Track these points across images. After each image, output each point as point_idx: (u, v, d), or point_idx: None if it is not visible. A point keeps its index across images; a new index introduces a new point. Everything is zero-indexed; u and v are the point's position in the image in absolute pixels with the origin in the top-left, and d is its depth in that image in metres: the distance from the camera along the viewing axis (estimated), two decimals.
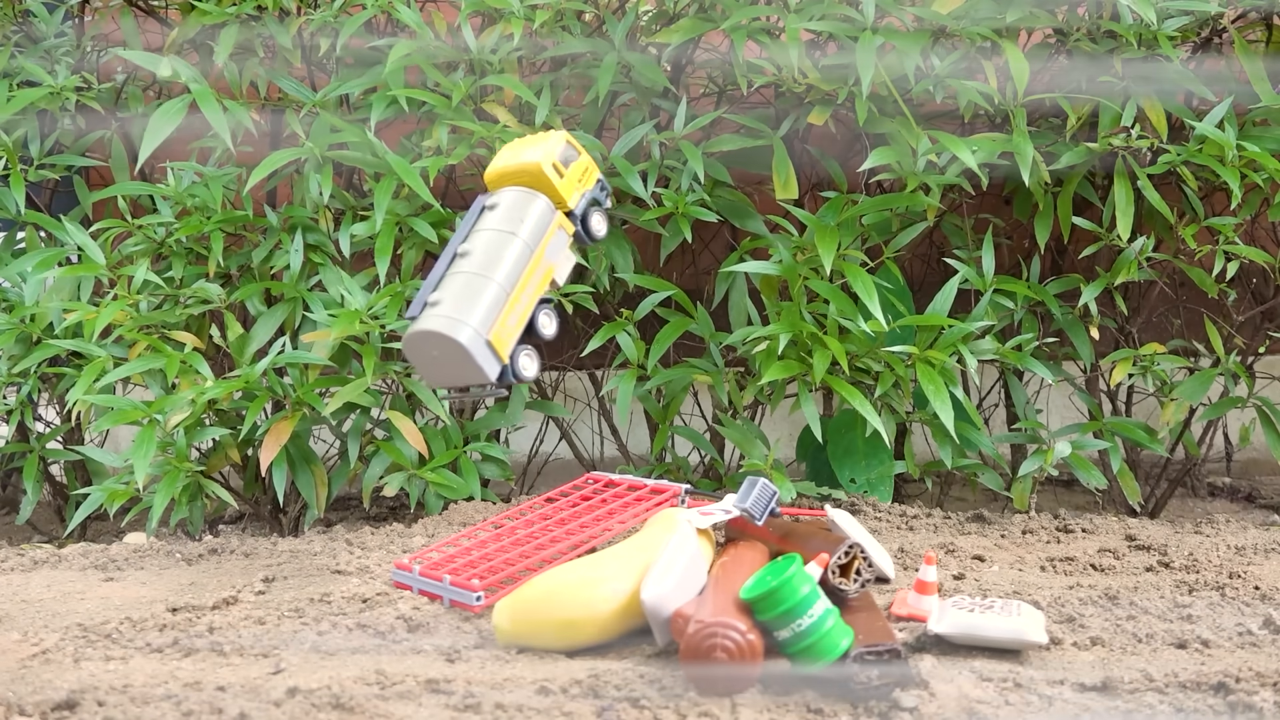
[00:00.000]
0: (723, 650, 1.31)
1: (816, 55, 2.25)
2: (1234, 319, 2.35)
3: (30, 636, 1.57)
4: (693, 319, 2.26)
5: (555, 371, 2.58)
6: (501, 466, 2.22)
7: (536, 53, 2.24)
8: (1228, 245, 2.18)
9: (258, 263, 2.20)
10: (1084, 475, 2.18)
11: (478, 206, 1.67)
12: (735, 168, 2.28)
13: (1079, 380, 2.39)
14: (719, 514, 1.68)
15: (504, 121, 2.16)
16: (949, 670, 1.39)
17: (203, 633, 1.56)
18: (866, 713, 1.29)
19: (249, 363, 2.11)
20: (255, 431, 2.11)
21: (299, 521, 2.23)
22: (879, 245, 2.27)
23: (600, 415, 2.53)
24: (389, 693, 1.34)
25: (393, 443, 2.15)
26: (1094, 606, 1.62)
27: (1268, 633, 1.52)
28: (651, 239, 2.35)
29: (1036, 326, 2.29)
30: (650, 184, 2.19)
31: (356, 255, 2.23)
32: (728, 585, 1.43)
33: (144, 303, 2.13)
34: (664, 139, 2.22)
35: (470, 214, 1.66)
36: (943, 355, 2.10)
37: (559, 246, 1.67)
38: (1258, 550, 1.91)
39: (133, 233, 2.20)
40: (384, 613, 1.60)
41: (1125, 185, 2.17)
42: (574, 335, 2.46)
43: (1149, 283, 2.29)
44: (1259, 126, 2.18)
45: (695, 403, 2.54)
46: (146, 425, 2.03)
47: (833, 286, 2.12)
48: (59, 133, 2.34)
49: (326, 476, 2.19)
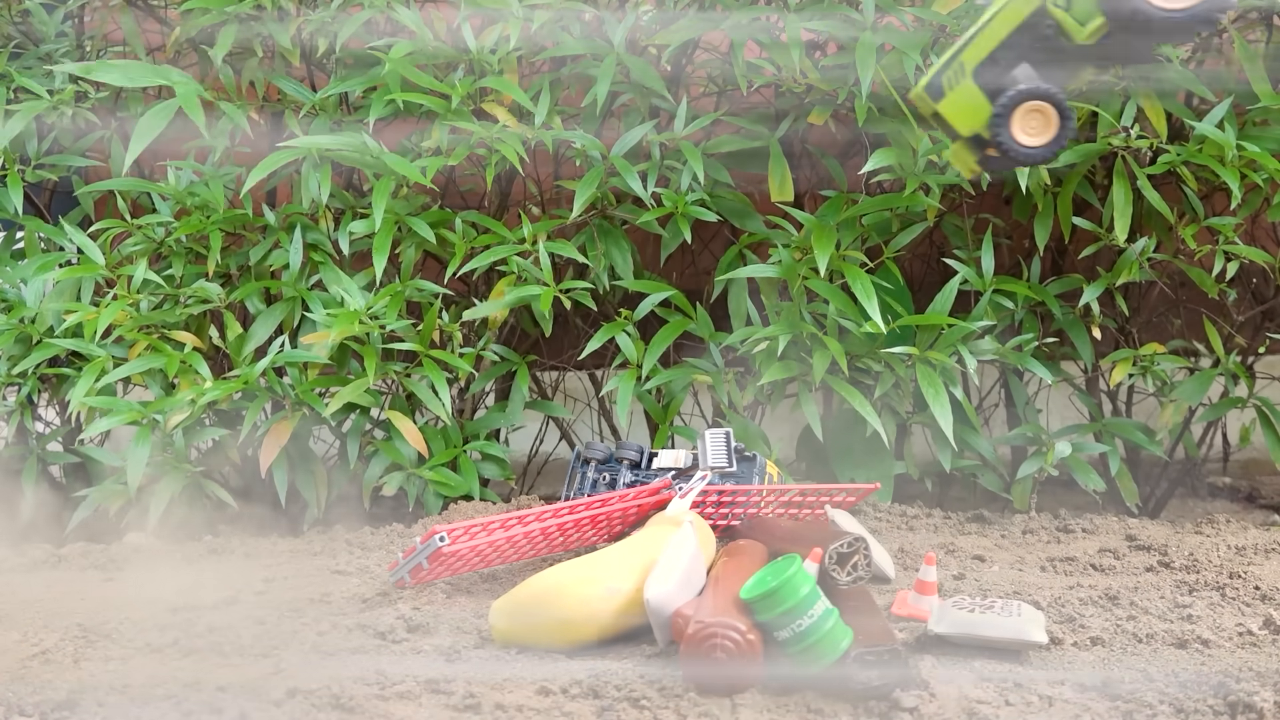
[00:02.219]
0: (723, 650, 1.31)
1: (816, 55, 2.24)
2: (1234, 319, 2.34)
3: (30, 636, 1.57)
4: (692, 319, 2.25)
5: (555, 371, 2.58)
6: (501, 466, 2.22)
7: (536, 52, 2.24)
8: (1228, 245, 2.18)
9: (256, 262, 2.20)
10: (1082, 478, 2.18)
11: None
12: (735, 168, 2.28)
13: (1079, 380, 2.39)
14: (696, 485, 1.68)
15: (504, 121, 2.16)
16: (949, 670, 1.39)
17: (203, 633, 1.56)
18: (866, 713, 1.29)
19: (248, 362, 2.11)
20: (255, 432, 2.11)
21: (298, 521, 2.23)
22: (879, 245, 2.27)
23: (600, 415, 2.53)
24: (389, 693, 1.34)
25: (392, 443, 2.15)
26: (1094, 606, 1.62)
27: (1268, 633, 1.51)
28: (651, 239, 2.35)
29: (1037, 327, 2.29)
30: (650, 184, 2.19)
31: (356, 255, 2.23)
32: (727, 585, 1.43)
33: (144, 302, 2.13)
34: (664, 139, 2.22)
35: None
36: (943, 356, 2.10)
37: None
38: (1258, 550, 1.91)
39: (132, 232, 2.20)
40: (384, 613, 1.60)
41: (1124, 185, 2.17)
42: (574, 335, 2.46)
43: (1149, 283, 2.29)
44: (1259, 126, 2.17)
45: (695, 403, 2.54)
46: (143, 426, 2.03)
47: (832, 286, 2.12)
48: (57, 133, 2.34)
49: (326, 477, 2.19)
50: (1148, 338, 2.35)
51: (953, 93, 1.57)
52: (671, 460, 1.98)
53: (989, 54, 1.56)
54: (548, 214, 2.35)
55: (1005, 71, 1.56)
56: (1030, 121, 1.55)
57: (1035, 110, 1.55)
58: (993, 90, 1.55)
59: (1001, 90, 1.54)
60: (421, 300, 2.18)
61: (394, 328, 2.07)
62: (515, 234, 2.21)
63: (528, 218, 2.26)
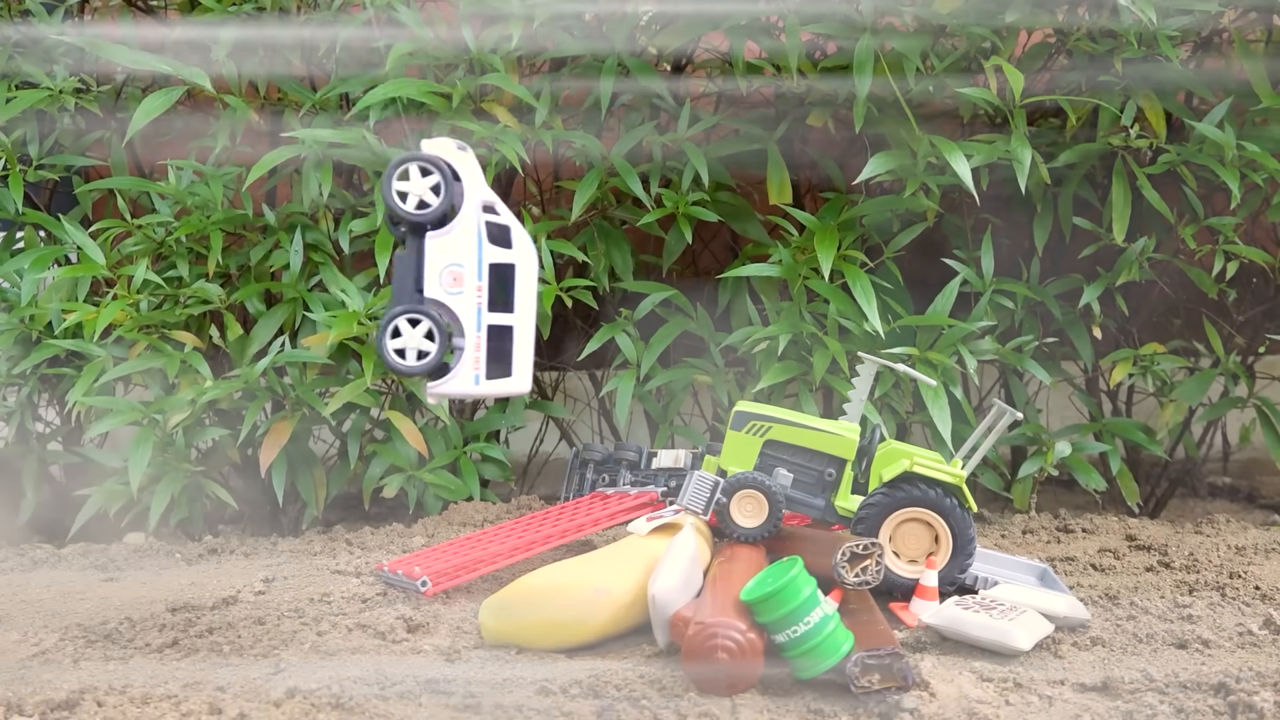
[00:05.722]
0: (723, 650, 1.31)
1: (816, 56, 2.24)
2: (1234, 319, 2.34)
3: (30, 636, 1.57)
4: (692, 319, 2.26)
5: (555, 371, 2.58)
6: (501, 467, 2.22)
7: (536, 52, 2.24)
8: (1228, 245, 2.18)
9: (256, 262, 2.20)
10: (1082, 477, 2.18)
11: None
12: (734, 168, 2.28)
13: (1079, 380, 2.39)
14: (667, 515, 1.70)
15: (504, 121, 2.16)
16: (949, 670, 1.39)
17: (203, 633, 1.56)
18: (866, 713, 1.29)
19: (248, 363, 2.11)
20: (255, 432, 2.11)
21: (298, 521, 2.23)
22: (879, 245, 2.27)
23: (600, 415, 2.53)
24: (389, 693, 1.34)
25: (392, 443, 2.15)
26: (1094, 606, 1.62)
27: (1268, 633, 1.51)
28: (651, 239, 2.35)
29: (1037, 327, 2.29)
30: (653, 186, 2.19)
31: (356, 255, 2.23)
32: (726, 586, 1.43)
33: (144, 302, 2.13)
34: (666, 140, 2.22)
35: None
36: (943, 356, 2.10)
37: None
38: (1258, 550, 1.91)
39: (132, 232, 2.20)
40: (384, 613, 1.60)
41: (1123, 185, 2.17)
42: (574, 335, 2.46)
43: (1149, 283, 2.29)
44: (1259, 126, 2.17)
45: (695, 403, 2.54)
46: (145, 426, 2.03)
47: (832, 287, 2.12)
48: (58, 133, 2.34)
49: (325, 477, 2.19)
50: (1148, 338, 2.35)
51: None
52: (671, 460, 1.98)
53: None
54: (548, 214, 2.36)
55: None
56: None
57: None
58: None
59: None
60: None
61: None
62: None
63: (529, 217, 2.27)
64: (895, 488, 1.61)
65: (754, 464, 1.69)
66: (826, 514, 1.68)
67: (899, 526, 1.61)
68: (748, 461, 1.69)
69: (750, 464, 1.69)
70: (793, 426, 1.68)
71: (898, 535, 1.62)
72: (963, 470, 1.64)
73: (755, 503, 1.62)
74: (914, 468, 1.59)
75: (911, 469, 1.59)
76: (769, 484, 1.62)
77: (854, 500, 1.67)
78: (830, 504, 1.68)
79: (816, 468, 1.68)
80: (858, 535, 1.57)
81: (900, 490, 1.60)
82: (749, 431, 1.69)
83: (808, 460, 1.68)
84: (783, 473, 1.68)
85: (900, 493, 1.60)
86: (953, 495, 1.61)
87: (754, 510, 1.63)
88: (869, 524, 1.60)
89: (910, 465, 1.59)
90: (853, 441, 1.68)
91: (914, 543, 1.62)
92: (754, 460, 1.69)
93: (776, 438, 1.68)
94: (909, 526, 1.62)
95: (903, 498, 1.60)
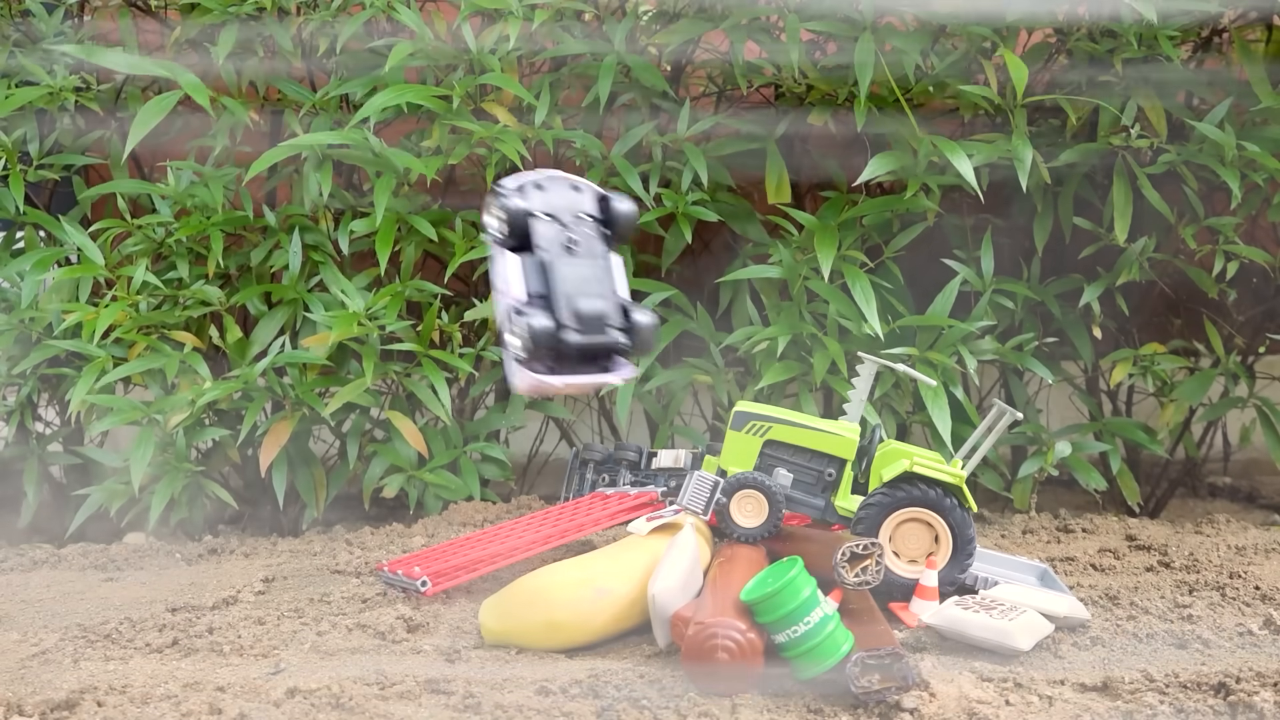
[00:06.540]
0: (723, 650, 1.31)
1: (816, 55, 2.24)
2: (1234, 319, 2.34)
3: (30, 636, 1.57)
4: (692, 319, 2.25)
5: None
6: (501, 467, 2.22)
7: (536, 52, 2.24)
8: (1228, 245, 2.18)
9: (256, 263, 2.20)
10: (1083, 477, 2.18)
11: None
12: (734, 168, 2.28)
13: (1079, 380, 2.39)
14: (666, 515, 1.70)
15: (504, 121, 2.16)
16: (949, 671, 1.39)
17: (203, 633, 1.56)
18: (866, 713, 1.29)
19: (249, 363, 2.11)
20: (255, 432, 2.11)
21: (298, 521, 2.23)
22: (879, 244, 2.27)
23: (600, 415, 2.53)
24: (389, 693, 1.34)
25: (392, 443, 2.15)
26: (1094, 606, 1.62)
27: (1268, 633, 1.52)
28: (651, 239, 2.35)
29: (1037, 327, 2.29)
30: (653, 186, 2.19)
31: (356, 255, 2.23)
32: (726, 586, 1.43)
33: (143, 303, 2.13)
34: (666, 141, 2.22)
35: None
36: (943, 356, 2.10)
37: None
38: (1258, 550, 1.91)
39: (132, 233, 2.20)
40: (384, 613, 1.60)
41: (1124, 185, 2.17)
42: None
43: (1149, 282, 2.29)
44: (1259, 126, 2.17)
45: (695, 403, 2.54)
46: (145, 426, 2.03)
47: (832, 287, 2.12)
48: (58, 133, 2.34)
49: (325, 477, 2.19)
50: (1148, 338, 2.35)
51: None
52: (671, 460, 1.98)
53: None
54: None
55: None
56: None
57: None
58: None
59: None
60: (421, 300, 2.19)
61: (393, 329, 2.07)
62: None
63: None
64: (895, 488, 1.61)
65: (754, 464, 1.69)
66: (826, 514, 1.68)
67: (899, 526, 1.61)
68: (748, 461, 1.69)
69: (750, 464, 1.69)
70: (793, 426, 1.68)
71: (898, 535, 1.61)
72: (963, 470, 1.64)
73: (755, 503, 1.62)
74: (914, 468, 1.59)
75: (911, 469, 1.59)
76: (769, 484, 1.62)
77: (854, 500, 1.66)
78: (830, 504, 1.68)
79: (816, 468, 1.68)
80: (857, 535, 1.57)
81: (900, 490, 1.60)
82: (749, 431, 1.69)
83: (808, 460, 1.68)
84: (783, 473, 1.67)
85: (900, 493, 1.60)
86: (953, 495, 1.61)
87: (754, 510, 1.63)
88: (869, 524, 1.60)
89: (910, 465, 1.59)
90: (853, 441, 1.68)
91: (914, 543, 1.62)
92: (754, 460, 1.69)
93: (776, 438, 1.68)
94: (909, 526, 1.62)
95: (903, 498, 1.60)
